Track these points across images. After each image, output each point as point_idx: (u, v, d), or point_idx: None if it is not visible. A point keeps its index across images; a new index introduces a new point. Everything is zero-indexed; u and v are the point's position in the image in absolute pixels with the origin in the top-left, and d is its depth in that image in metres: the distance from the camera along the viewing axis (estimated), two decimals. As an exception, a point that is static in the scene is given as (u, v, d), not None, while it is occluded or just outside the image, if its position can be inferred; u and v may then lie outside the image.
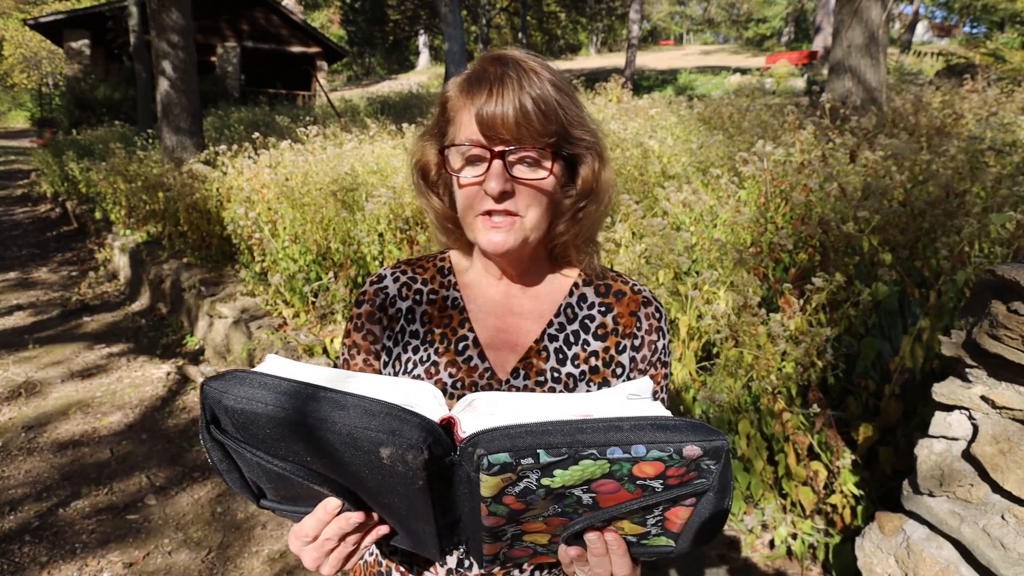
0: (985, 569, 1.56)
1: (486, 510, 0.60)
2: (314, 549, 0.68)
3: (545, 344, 0.89)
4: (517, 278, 0.92)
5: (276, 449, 0.61)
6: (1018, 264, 1.57)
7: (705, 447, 0.56)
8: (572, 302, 0.92)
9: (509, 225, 0.81)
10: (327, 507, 0.66)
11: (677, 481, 0.58)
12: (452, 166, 0.82)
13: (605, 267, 0.98)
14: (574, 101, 0.83)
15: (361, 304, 0.93)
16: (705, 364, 2.67)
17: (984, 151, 3.88)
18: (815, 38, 22.12)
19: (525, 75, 0.78)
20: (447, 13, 12.71)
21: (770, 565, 2.18)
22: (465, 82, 0.81)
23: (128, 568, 2.48)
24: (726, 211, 3.23)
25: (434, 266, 0.96)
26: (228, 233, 4.81)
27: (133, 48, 12.90)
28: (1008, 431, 1.58)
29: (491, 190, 0.78)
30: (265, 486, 0.68)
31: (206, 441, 0.63)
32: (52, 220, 9.74)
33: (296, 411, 0.57)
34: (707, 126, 6.25)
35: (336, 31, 38.27)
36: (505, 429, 0.56)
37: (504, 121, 0.76)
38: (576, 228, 0.89)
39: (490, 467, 0.55)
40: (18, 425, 3.56)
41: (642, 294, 0.94)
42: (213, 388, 0.59)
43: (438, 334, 0.90)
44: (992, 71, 10.32)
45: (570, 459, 0.55)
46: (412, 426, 0.56)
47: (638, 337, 0.91)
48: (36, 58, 32.52)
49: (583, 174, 0.86)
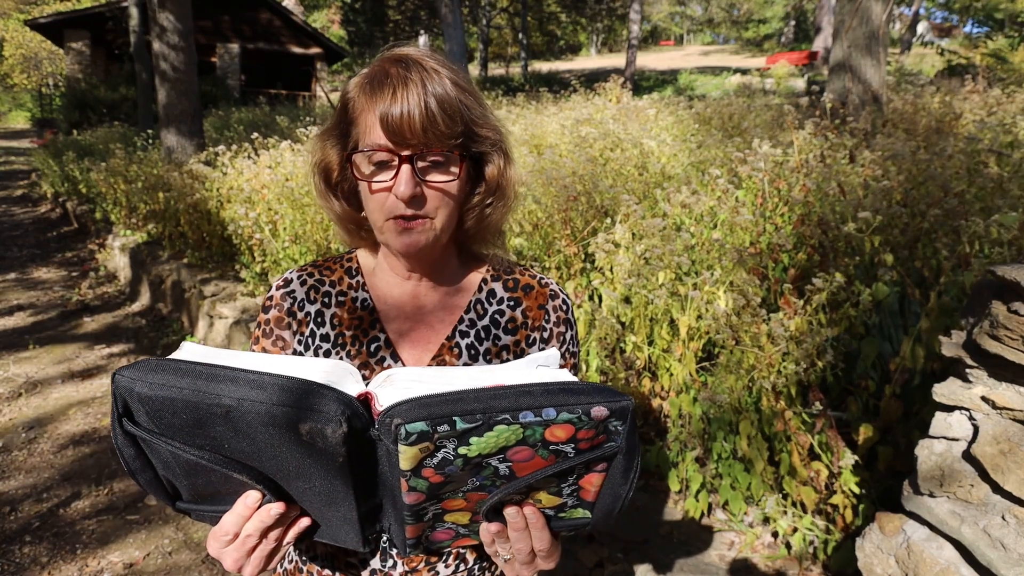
0: (985, 570, 1.56)
1: (406, 485, 0.60)
2: (235, 549, 0.67)
3: (457, 340, 0.90)
4: (426, 276, 0.92)
5: (192, 437, 0.60)
6: (1018, 264, 1.57)
7: (612, 407, 0.58)
8: (481, 298, 0.93)
9: (420, 226, 0.81)
10: (247, 501, 0.65)
11: (588, 444, 0.60)
12: (360, 172, 0.81)
13: (512, 261, 0.99)
14: (477, 99, 0.83)
15: (268, 310, 0.92)
16: (705, 364, 2.67)
17: (983, 152, 3.88)
18: (815, 38, 22.12)
19: (427, 75, 0.77)
20: (447, 13, 12.71)
21: (770, 565, 2.18)
22: (368, 83, 0.80)
23: (128, 568, 2.48)
24: (725, 211, 3.23)
25: (341, 267, 0.95)
26: (228, 233, 4.81)
27: (133, 48, 12.91)
28: (1008, 431, 1.58)
29: (402, 195, 0.77)
30: (181, 484, 0.66)
31: (117, 436, 0.61)
32: (52, 220, 9.74)
33: (212, 393, 0.56)
34: (707, 126, 6.25)
35: (336, 31, 38.26)
36: (421, 399, 0.57)
37: (410, 124, 0.75)
38: (484, 224, 0.90)
39: (407, 436, 0.56)
40: (18, 425, 3.56)
41: (549, 287, 0.95)
42: (125, 377, 0.58)
43: (349, 336, 0.89)
44: (994, 71, 10.32)
45: (484, 425, 0.56)
46: (329, 400, 0.57)
47: (547, 330, 0.93)
48: (36, 58, 32.53)
49: (489, 172, 0.87)
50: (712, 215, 3.37)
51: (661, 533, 2.33)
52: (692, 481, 2.36)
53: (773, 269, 2.84)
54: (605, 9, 30.69)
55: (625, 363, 2.79)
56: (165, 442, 0.60)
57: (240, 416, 0.57)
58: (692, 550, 2.25)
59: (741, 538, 2.29)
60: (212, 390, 0.56)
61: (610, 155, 4.63)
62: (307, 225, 4.27)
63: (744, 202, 3.20)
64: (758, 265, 2.67)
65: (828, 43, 18.01)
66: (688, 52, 35.26)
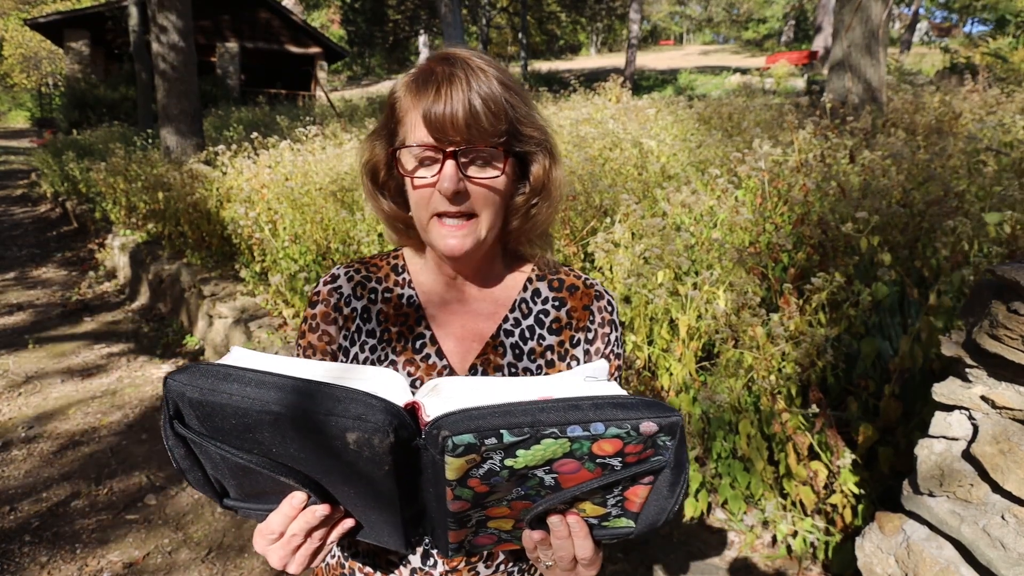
0: (985, 569, 1.56)
1: (451, 494, 0.61)
2: (280, 547, 0.68)
3: (501, 340, 0.90)
4: (472, 275, 0.92)
5: (241, 441, 0.61)
6: (1018, 264, 1.57)
7: (661, 423, 0.57)
8: (526, 297, 0.93)
9: (465, 228, 0.81)
10: (292, 501, 0.65)
11: (635, 459, 0.60)
12: (405, 168, 0.82)
13: (558, 262, 0.99)
14: (523, 99, 0.83)
15: (315, 305, 0.93)
16: (705, 364, 2.67)
17: (982, 151, 3.88)
18: (815, 38, 22.12)
19: (473, 74, 0.78)
20: (447, 13, 12.71)
21: (770, 565, 2.18)
22: (413, 82, 0.81)
23: (128, 568, 2.48)
24: (724, 211, 3.23)
25: (388, 264, 0.96)
26: (228, 233, 4.81)
27: (133, 48, 12.91)
28: (1008, 431, 1.58)
29: (445, 191, 0.78)
30: (228, 483, 0.67)
31: (168, 438, 0.63)
32: (52, 220, 9.74)
33: (260, 400, 0.57)
34: (706, 126, 6.24)
35: (336, 31, 38.25)
36: (468, 411, 0.57)
37: (454, 121, 0.76)
38: (529, 225, 0.90)
39: (454, 448, 0.56)
40: (18, 425, 3.56)
41: (594, 288, 0.95)
42: (176, 381, 0.59)
43: (395, 332, 0.90)
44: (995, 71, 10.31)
45: (532, 439, 0.56)
46: (377, 410, 0.57)
47: (591, 330, 0.93)
48: (36, 58, 32.53)
49: (534, 172, 0.87)
50: (712, 215, 3.37)
51: (661, 533, 2.33)
52: (692, 481, 2.36)
53: (773, 269, 2.84)
54: (605, 9, 30.68)
55: (625, 363, 2.79)
56: (214, 445, 0.61)
57: (288, 423, 0.57)
58: (692, 550, 2.25)
59: (741, 538, 2.30)
60: (261, 397, 0.57)
61: (609, 155, 4.63)
62: (307, 225, 4.27)
63: (744, 202, 3.19)
64: (758, 265, 2.68)
65: (828, 43, 18.02)
66: (688, 52, 35.26)
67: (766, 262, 2.77)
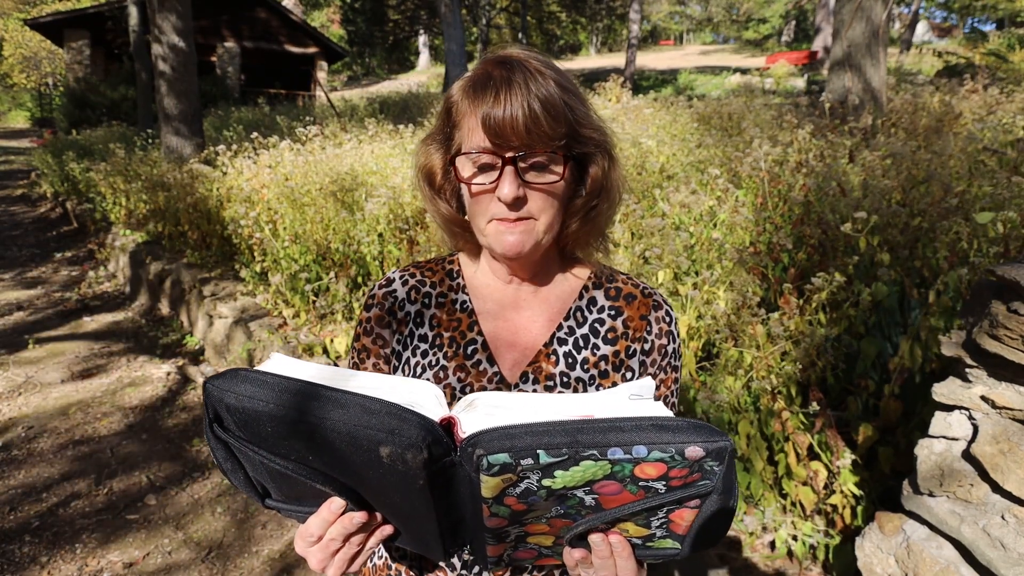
0: (985, 569, 1.56)
1: (488, 511, 0.60)
2: (319, 550, 0.68)
3: (554, 348, 0.88)
4: (527, 280, 0.91)
5: (278, 448, 0.61)
6: (1018, 264, 1.57)
7: (708, 448, 0.55)
8: (582, 305, 0.92)
9: (524, 228, 0.80)
10: (331, 507, 0.65)
11: (680, 483, 0.58)
12: (462, 174, 0.81)
13: (615, 269, 0.98)
14: (581, 100, 0.82)
15: (370, 308, 0.92)
16: (705, 364, 2.67)
17: (981, 151, 3.88)
18: (815, 38, 22.12)
19: (531, 77, 0.76)
20: (447, 13, 12.71)
21: (770, 565, 2.18)
22: (470, 86, 0.80)
23: (128, 568, 2.48)
24: (724, 211, 3.23)
25: (443, 269, 0.95)
26: (228, 233, 4.81)
27: (133, 48, 12.90)
28: (1008, 431, 1.58)
29: (505, 197, 0.77)
30: (269, 485, 0.68)
31: (210, 440, 0.63)
32: (52, 220, 9.74)
33: (296, 409, 0.57)
34: (706, 126, 6.24)
35: (336, 31, 38.26)
36: (504, 429, 0.56)
37: (514, 126, 0.75)
38: (588, 227, 0.88)
39: (490, 467, 0.55)
40: (18, 425, 3.55)
41: (653, 297, 0.93)
42: (215, 387, 0.59)
43: (447, 337, 0.89)
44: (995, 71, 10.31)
45: (570, 460, 0.55)
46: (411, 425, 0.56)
47: (648, 341, 0.90)
48: (36, 58, 32.51)
49: (593, 173, 0.85)
50: (712, 215, 3.37)
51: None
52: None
53: (773, 269, 2.84)
54: (605, 9, 30.68)
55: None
56: (252, 450, 0.62)
57: (323, 434, 0.57)
58: (692, 550, 2.24)
59: (741, 538, 2.30)
60: (296, 406, 0.57)
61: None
62: (307, 224, 4.27)
63: (744, 202, 3.19)
64: (758, 265, 2.68)
65: (828, 43, 18.00)
66: (688, 52, 35.25)
67: (766, 262, 2.77)
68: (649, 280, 2.68)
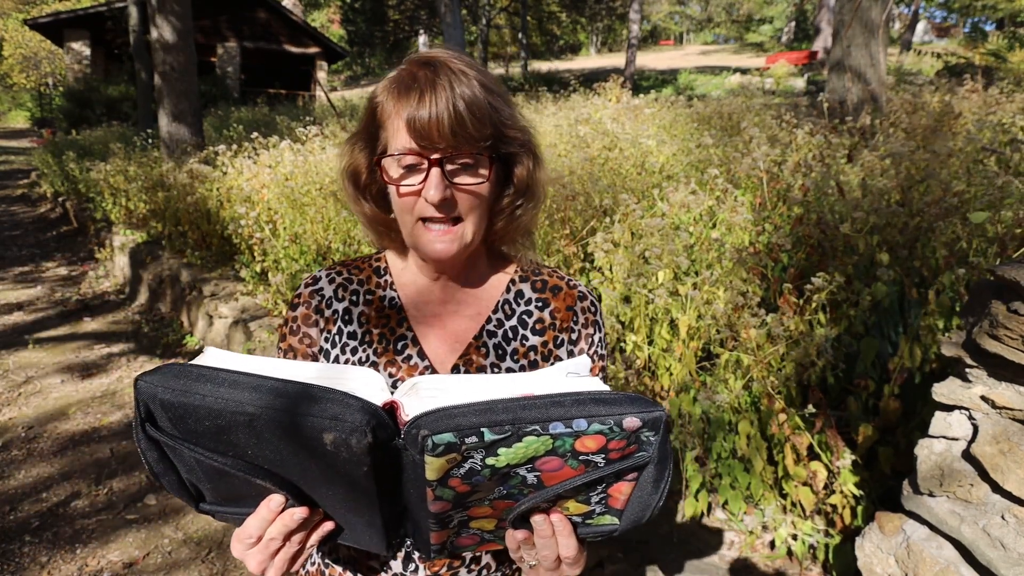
0: (985, 569, 1.56)
1: (432, 494, 0.60)
2: (259, 551, 0.66)
3: (484, 340, 0.90)
4: (455, 277, 0.92)
5: (215, 443, 0.59)
6: (1018, 264, 1.57)
7: (644, 418, 0.57)
8: (509, 298, 0.93)
9: (452, 233, 0.81)
10: (270, 504, 0.64)
11: (619, 455, 0.59)
12: (389, 176, 0.81)
13: (540, 262, 0.99)
14: (505, 100, 0.83)
15: (296, 307, 0.92)
16: (705, 364, 2.67)
17: (980, 151, 3.87)
18: (815, 38, 22.12)
19: (455, 78, 0.77)
20: (447, 13, 12.71)
21: (770, 565, 2.18)
22: (395, 87, 0.79)
23: (128, 568, 2.48)
24: (724, 211, 3.23)
25: (369, 266, 0.96)
26: (228, 233, 4.81)
27: (133, 48, 12.90)
28: (1008, 431, 1.58)
29: (432, 198, 0.77)
30: (204, 487, 0.66)
31: (140, 441, 0.61)
32: (52, 220, 9.74)
33: (235, 401, 0.56)
34: (706, 126, 6.25)
35: (336, 31, 38.27)
36: (448, 409, 0.56)
37: (439, 128, 0.75)
38: (513, 225, 0.90)
39: (435, 448, 0.55)
40: (18, 425, 3.55)
41: (577, 289, 0.95)
42: (148, 383, 0.58)
43: (376, 334, 0.89)
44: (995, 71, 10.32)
45: (513, 436, 0.55)
46: (354, 410, 0.56)
47: (575, 331, 0.93)
48: (36, 58, 32.51)
49: (518, 173, 0.87)
50: (711, 214, 3.37)
51: (661, 533, 2.33)
52: (692, 481, 2.36)
53: (772, 269, 2.84)
54: (605, 9, 30.69)
55: (625, 363, 2.79)
56: (188, 447, 0.60)
57: (263, 424, 0.56)
58: (692, 550, 2.25)
59: (741, 538, 2.30)
60: (235, 398, 0.56)
61: (608, 155, 4.63)
62: (307, 224, 4.27)
63: (743, 201, 3.20)
64: (757, 265, 2.68)
65: (828, 43, 18.01)
66: (688, 52, 35.26)
67: (766, 262, 2.77)
68: (649, 280, 2.69)
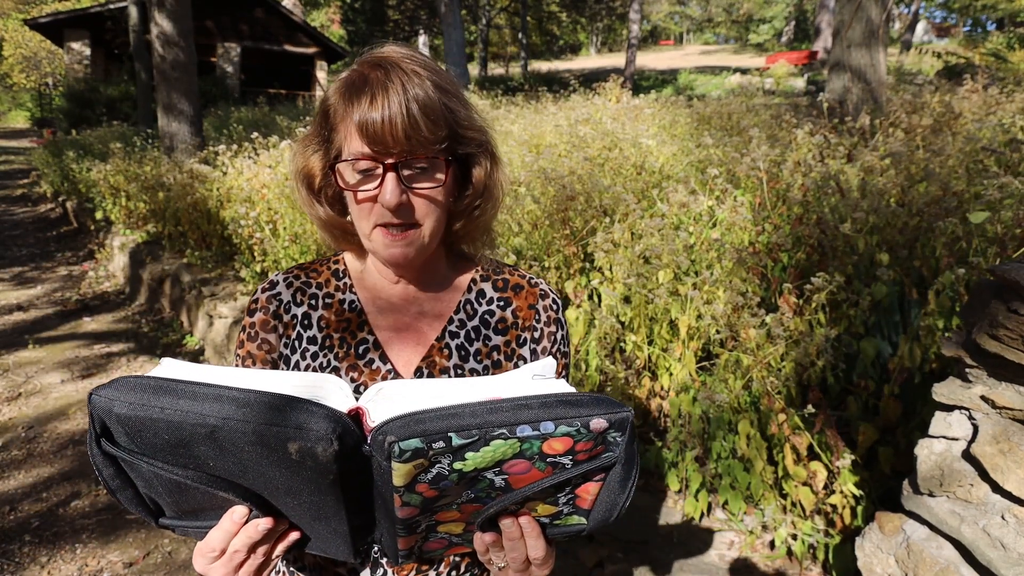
0: (985, 569, 1.56)
1: (399, 500, 0.59)
2: (222, 565, 0.64)
3: (447, 341, 0.89)
4: (415, 279, 0.91)
5: (174, 457, 0.57)
6: (1018, 264, 1.57)
7: (611, 419, 0.57)
8: (471, 298, 0.93)
9: (408, 237, 0.80)
10: (233, 516, 0.62)
11: (586, 456, 0.59)
12: (344, 181, 0.79)
13: (501, 262, 0.99)
14: (461, 100, 0.81)
15: (254, 313, 0.89)
16: (705, 364, 2.67)
17: (980, 151, 3.87)
18: (815, 39, 22.12)
19: (407, 79, 0.75)
20: (447, 13, 12.71)
21: (770, 565, 2.18)
22: (345, 89, 0.77)
23: (128, 568, 2.48)
24: (723, 211, 3.23)
25: (328, 269, 0.94)
26: (228, 233, 4.81)
27: (133, 48, 12.91)
28: (1008, 431, 1.58)
29: (388, 203, 0.76)
30: (164, 501, 0.64)
31: (95, 457, 0.59)
32: (52, 220, 9.74)
33: (195, 413, 0.54)
34: (706, 125, 6.25)
35: (336, 31, 38.24)
36: (414, 415, 0.55)
37: (392, 132, 0.73)
38: (472, 225, 0.89)
39: (401, 454, 0.54)
40: (18, 425, 3.56)
41: (539, 287, 0.95)
42: (103, 397, 0.55)
43: (337, 338, 0.88)
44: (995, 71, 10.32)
45: (481, 440, 0.55)
46: (319, 418, 0.55)
47: (537, 329, 0.92)
48: (36, 58, 32.50)
49: (476, 174, 0.86)
50: (711, 214, 3.37)
51: (661, 533, 2.33)
52: (692, 481, 2.36)
53: (772, 269, 2.84)
54: (605, 9, 30.69)
55: (625, 363, 2.79)
56: (146, 462, 0.58)
57: (225, 436, 0.55)
58: (692, 550, 2.25)
59: (741, 538, 2.30)
60: (195, 409, 0.54)
61: (608, 155, 4.63)
62: (307, 224, 4.27)
63: (743, 201, 3.20)
64: (757, 265, 2.68)
65: (828, 43, 18.01)
66: (688, 52, 35.28)
67: (765, 262, 2.77)
68: (649, 280, 2.69)
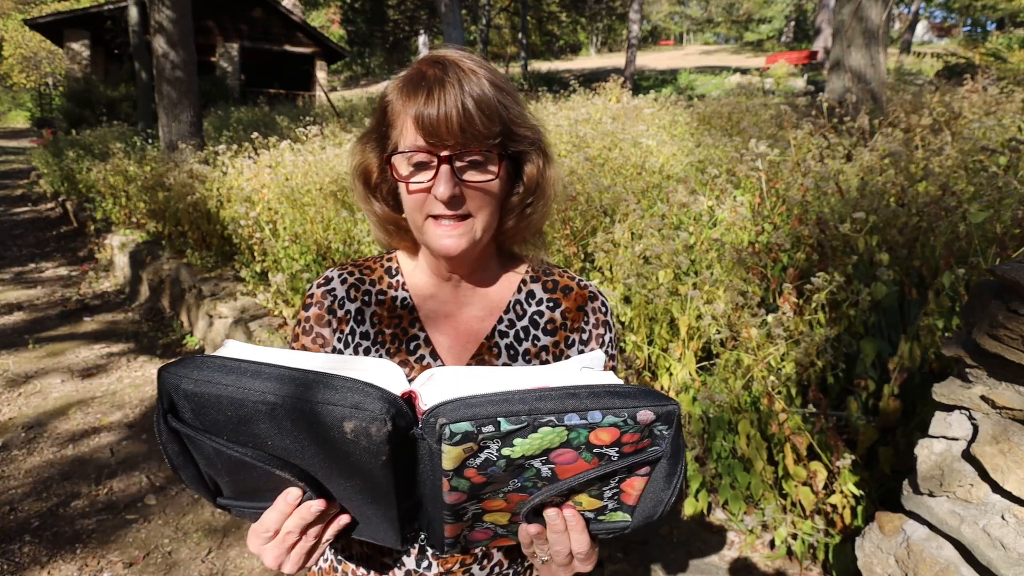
0: (985, 569, 1.56)
1: (448, 485, 0.61)
2: (275, 546, 0.67)
3: (496, 340, 0.90)
4: (466, 277, 0.92)
5: (236, 434, 0.60)
6: (1018, 264, 1.57)
7: (658, 412, 0.57)
8: (521, 299, 0.94)
9: (461, 227, 0.81)
10: (288, 498, 0.65)
11: (632, 448, 0.60)
12: (399, 173, 0.81)
13: (552, 263, 1.00)
14: (515, 99, 0.83)
15: (309, 308, 0.92)
16: (705, 364, 2.67)
17: (980, 151, 3.87)
18: (815, 39, 22.12)
19: (464, 76, 0.77)
20: (447, 13, 12.71)
21: (770, 565, 2.18)
22: (404, 86, 0.80)
23: (128, 568, 2.48)
24: (723, 211, 3.23)
25: (381, 267, 0.96)
26: (228, 233, 4.81)
27: (133, 48, 12.91)
28: (1008, 431, 1.58)
29: (441, 195, 0.78)
30: (222, 480, 0.67)
31: (162, 432, 0.62)
32: (52, 220, 9.74)
33: (256, 391, 0.57)
34: (706, 126, 6.25)
35: (336, 31, 38.25)
36: (466, 399, 0.57)
37: (448, 125, 0.76)
38: (524, 224, 0.90)
39: (452, 436, 0.56)
40: (18, 425, 3.55)
41: (588, 289, 0.96)
42: (171, 374, 0.59)
43: (389, 335, 0.90)
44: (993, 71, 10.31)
45: (529, 427, 0.56)
46: (374, 399, 0.57)
47: (586, 331, 0.93)
48: (36, 58, 32.50)
49: (528, 171, 0.87)
50: (711, 214, 3.37)
51: (661, 533, 2.33)
52: (692, 481, 2.36)
53: (772, 268, 2.84)
54: (605, 9, 30.67)
55: (625, 363, 2.79)
56: (209, 439, 0.61)
57: (284, 413, 0.57)
58: (692, 550, 2.25)
59: (741, 538, 2.30)
60: (257, 387, 0.57)
61: (608, 155, 4.63)
62: (307, 224, 4.27)
63: (742, 201, 3.20)
64: (757, 264, 2.68)
65: (828, 43, 18.01)
66: (688, 52, 35.27)
67: (765, 262, 2.77)
68: (649, 280, 2.68)
